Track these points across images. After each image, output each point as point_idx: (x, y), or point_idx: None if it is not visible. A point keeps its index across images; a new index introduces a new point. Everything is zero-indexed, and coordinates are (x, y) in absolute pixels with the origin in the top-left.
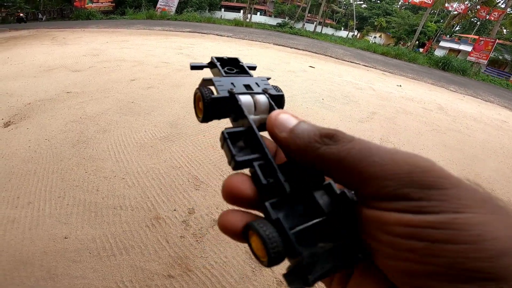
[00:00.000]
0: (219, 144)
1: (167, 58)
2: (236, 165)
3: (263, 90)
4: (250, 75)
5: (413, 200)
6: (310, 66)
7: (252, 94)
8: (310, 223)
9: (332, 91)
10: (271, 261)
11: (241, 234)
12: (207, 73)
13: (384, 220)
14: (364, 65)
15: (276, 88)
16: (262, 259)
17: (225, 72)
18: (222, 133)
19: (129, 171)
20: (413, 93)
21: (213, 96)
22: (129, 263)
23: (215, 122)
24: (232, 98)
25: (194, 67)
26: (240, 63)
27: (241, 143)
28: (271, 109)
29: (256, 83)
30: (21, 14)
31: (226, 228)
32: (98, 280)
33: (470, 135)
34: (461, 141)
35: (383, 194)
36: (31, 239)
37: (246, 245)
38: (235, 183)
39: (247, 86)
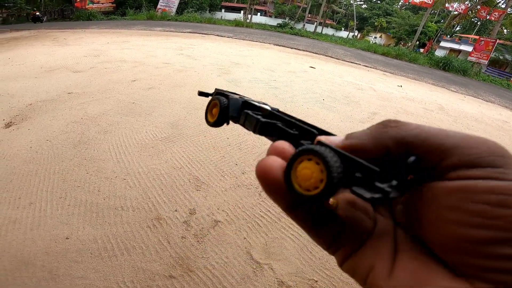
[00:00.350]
0: (220, 144)
1: (168, 59)
2: (262, 125)
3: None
4: None
5: (499, 167)
6: (311, 67)
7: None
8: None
9: (332, 92)
10: (329, 186)
11: (284, 172)
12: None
13: (472, 189)
14: (364, 66)
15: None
16: (312, 190)
17: None
18: (244, 111)
19: (130, 171)
20: (414, 93)
21: (231, 97)
22: (130, 264)
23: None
24: (245, 103)
25: (201, 94)
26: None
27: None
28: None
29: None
30: (37, 13)
31: (266, 170)
32: (100, 280)
33: None
34: None
35: (470, 162)
36: (33, 239)
37: (247, 245)
38: (268, 162)
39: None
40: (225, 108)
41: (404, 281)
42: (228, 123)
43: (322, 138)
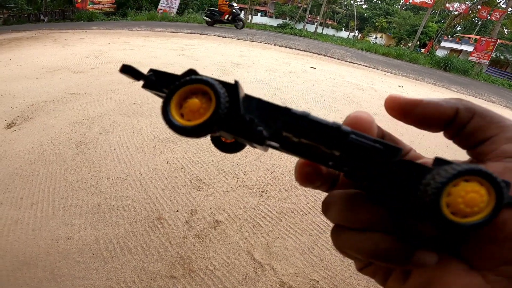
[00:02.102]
0: None
1: (169, 60)
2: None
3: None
4: None
5: None
6: (311, 67)
7: None
8: None
9: (333, 92)
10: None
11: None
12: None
13: None
14: (365, 66)
15: None
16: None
17: None
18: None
19: (131, 172)
20: (415, 93)
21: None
22: (132, 264)
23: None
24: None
25: (126, 71)
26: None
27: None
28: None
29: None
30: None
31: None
32: (101, 280)
33: None
34: None
35: None
36: (35, 240)
37: (248, 246)
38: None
39: None
40: (234, 110)
41: (420, 282)
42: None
43: (393, 95)
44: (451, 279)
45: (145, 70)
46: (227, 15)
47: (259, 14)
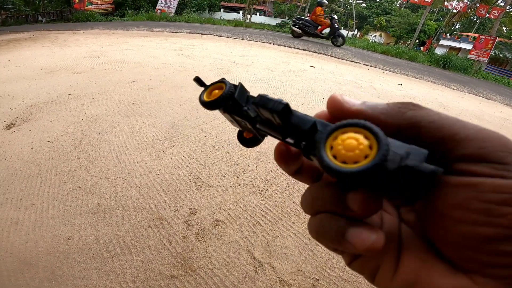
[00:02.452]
0: (220, 144)
1: (168, 59)
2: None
3: None
4: None
5: (506, 164)
6: (311, 66)
7: None
8: None
9: (332, 90)
10: (381, 159)
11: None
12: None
13: (479, 187)
14: (364, 64)
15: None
16: (357, 163)
17: None
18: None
19: (131, 172)
20: (414, 91)
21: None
22: (132, 264)
23: (214, 124)
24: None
25: (198, 81)
26: None
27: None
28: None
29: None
30: None
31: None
32: (102, 280)
33: None
34: None
35: (479, 155)
36: (35, 240)
37: (248, 245)
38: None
39: None
40: (231, 94)
41: (406, 281)
42: (224, 109)
43: (336, 94)
44: (439, 280)
45: (143, 71)
46: (325, 29)
47: (258, 14)
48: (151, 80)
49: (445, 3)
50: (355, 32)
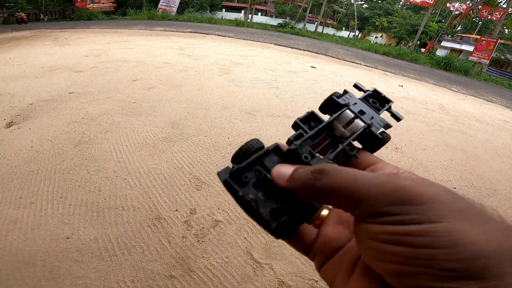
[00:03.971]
0: (220, 144)
1: (169, 59)
2: None
3: (369, 123)
4: (378, 111)
5: (395, 215)
6: (312, 67)
7: (358, 117)
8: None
9: (333, 91)
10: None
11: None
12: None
13: (371, 231)
14: (365, 65)
15: (383, 133)
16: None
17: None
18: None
19: (131, 171)
20: (415, 93)
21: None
22: (131, 263)
23: (214, 124)
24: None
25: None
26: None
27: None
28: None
29: (373, 117)
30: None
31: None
32: (100, 280)
33: (472, 135)
34: (464, 141)
35: (370, 212)
36: (34, 239)
37: (247, 245)
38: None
39: (362, 112)
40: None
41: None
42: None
43: (275, 169)
44: None
45: (144, 70)
46: None
47: (259, 14)
48: (152, 79)
49: (447, 4)
50: (357, 33)
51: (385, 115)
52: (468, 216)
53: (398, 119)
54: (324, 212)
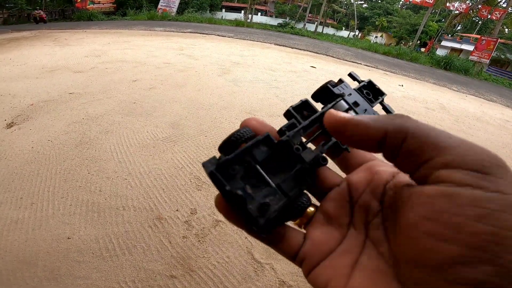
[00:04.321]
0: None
1: (169, 59)
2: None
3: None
4: (371, 103)
5: (489, 174)
6: (312, 66)
7: (352, 108)
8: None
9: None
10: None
11: None
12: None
13: (456, 198)
14: (365, 65)
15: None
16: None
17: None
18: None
19: (131, 171)
20: (415, 92)
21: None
22: (131, 263)
23: (214, 124)
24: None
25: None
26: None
27: None
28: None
29: (366, 109)
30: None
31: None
32: (101, 280)
33: (473, 135)
34: None
35: (463, 162)
36: (35, 239)
37: (248, 245)
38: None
39: (356, 103)
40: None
41: None
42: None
43: (332, 112)
44: None
45: (144, 70)
46: None
47: (259, 14)
48: (152, 80)
49: (447, 4)
50: (357, 33)
51: (377, 108)
52: None
53: (389, 112)
54: (310, 209)
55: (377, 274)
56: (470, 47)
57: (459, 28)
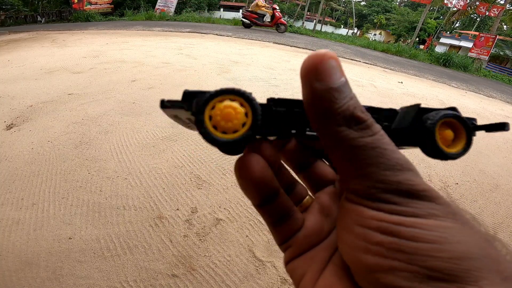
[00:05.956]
0: None
1: (167, 59)
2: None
3: None
4: None
5: (392, 204)
6: None
7: None
8: None
9: None
10: (253, 130)
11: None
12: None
13: (361, 214)
14: (364, 63)
15: None
16: (236, 132)
17: None
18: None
19: (131, 171)
20: (415, 89)
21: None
22: (133, 263)
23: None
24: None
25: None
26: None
27: None
28: None
29: None
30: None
31: (244, 166)
32: (103, 280)
33: None
34: None
35: (368, 193)
36: (36, 240)
37: (249, 243)
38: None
39: None
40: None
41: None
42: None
43: (321, 52)
44: None
45: (143, 70)
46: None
47: None
48: (151, 80)
49: (445, 1)
50: (355, 31)
51: None
52: (460, 219)
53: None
54: (307, 200)
55: (343, 271)
56: (469, 44)
57: (457, 25)
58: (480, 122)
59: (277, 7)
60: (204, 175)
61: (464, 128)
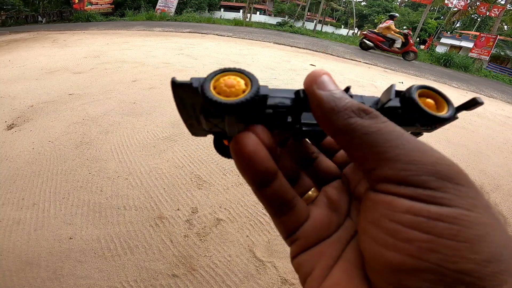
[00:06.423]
0: None
1: (168, 59)
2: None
3: None
4: None
5: (430, 189)
6: (311, 65)
7: None
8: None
9: None
10: (254, 93)
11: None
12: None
13: (393, 206)
14: (365, 63)
15: None
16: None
17: None
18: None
19: (132, 171)
20: None
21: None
22: (133, 263)
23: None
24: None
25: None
26: None
27: None
28: None
29: None
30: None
31: (242, 145)
32: (103, 280)
33: (474, 131)
34: (465, 137)
35: (400, 178)
36: (37, 240)
37: (249, 243)
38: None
39: None
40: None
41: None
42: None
43: (316, 72)
44: None
45: (144, 70)
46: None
47: (258, 13)
48: (152, 80)
49: (446, 1)
50: (356, 31)
51: None
52: (492, 213)
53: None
54: (312, 192)
55: (354, 269)
56: (470, 44)
57: (458, 25)
58: (480, 122)
59: (411, 33)
60: (205, 175)
61: (440, 95)
